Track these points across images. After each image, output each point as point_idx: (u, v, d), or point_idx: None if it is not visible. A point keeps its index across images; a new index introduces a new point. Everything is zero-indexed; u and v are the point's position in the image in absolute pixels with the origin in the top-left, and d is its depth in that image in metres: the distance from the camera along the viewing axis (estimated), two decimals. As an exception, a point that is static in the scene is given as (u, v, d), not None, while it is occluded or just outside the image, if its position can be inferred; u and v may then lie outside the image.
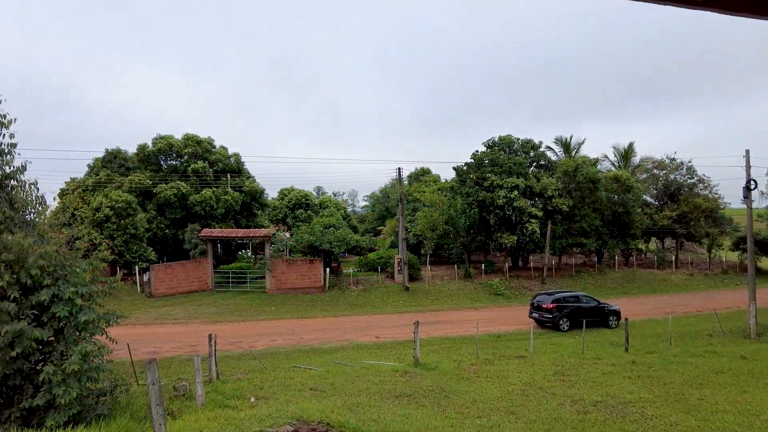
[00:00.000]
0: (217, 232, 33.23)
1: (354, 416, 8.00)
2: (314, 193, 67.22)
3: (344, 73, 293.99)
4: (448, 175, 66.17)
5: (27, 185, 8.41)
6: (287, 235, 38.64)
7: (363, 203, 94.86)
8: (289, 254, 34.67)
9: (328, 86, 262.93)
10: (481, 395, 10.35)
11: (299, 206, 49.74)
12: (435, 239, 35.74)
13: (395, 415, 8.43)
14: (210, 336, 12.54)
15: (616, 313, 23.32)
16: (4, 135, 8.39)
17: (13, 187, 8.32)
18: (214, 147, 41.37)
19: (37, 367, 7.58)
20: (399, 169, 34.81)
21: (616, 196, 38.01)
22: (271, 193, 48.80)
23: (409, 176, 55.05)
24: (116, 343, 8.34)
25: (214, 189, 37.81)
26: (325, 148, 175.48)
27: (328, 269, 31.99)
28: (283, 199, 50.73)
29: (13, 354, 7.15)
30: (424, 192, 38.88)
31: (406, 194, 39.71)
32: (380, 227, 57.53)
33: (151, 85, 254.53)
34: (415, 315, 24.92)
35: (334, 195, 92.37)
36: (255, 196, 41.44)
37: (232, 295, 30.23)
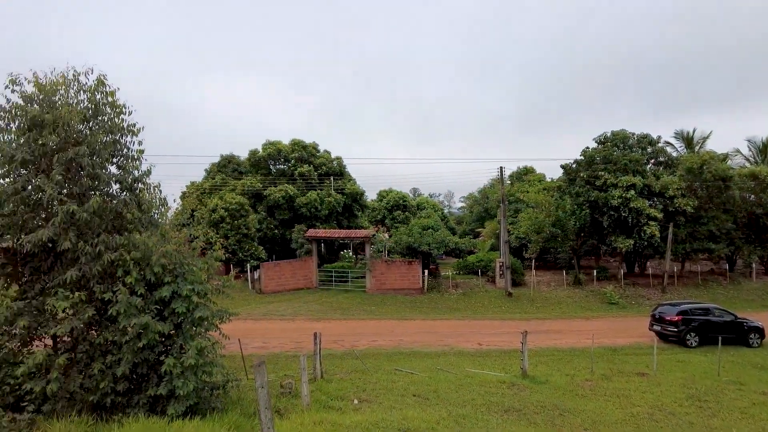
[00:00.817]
0: (321, 232, 34.45)
1: (461, 431, 7.51)
2: (410, 195, 67.43)
3: (438, 69, 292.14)
4: (552, 173, 62.42)
5: (152, 188, 9.09)
6: (386, 236, 38.98)
7: (459, 204, 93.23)
8: (388, 255, 34.88)
9: (420, 83, 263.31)
10: (600, 416, 9.32)
11: (397, 207, 50.21)
12: (540, 242, 33.73)
13: (505, 433, 7.80)
14: (315, 335, 12.76)
15: (759, 330, 20.17)
16: (133, 142, 9.15)
17: (140, 190, 9.02)
18: (318, 151, 43.20)
19: (161, 358, 8.13)
20: (501, 168, 33.35)
21: (752, 196, 33.26)
22: (368, 195, 49.73)
23: (511, 176, 52.70)
24: (228, 339, 8.66)
25: (319, 191, 39.41)
26: (419, 149, 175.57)
27: (426, 271, 31.64)
28: (381, 200, 51.57)
29: (140, 345, 7.75)
30: (528, 192, 36.88)
31: (507, 194, 38.08)
32: (479, 229, 55.88)
33: (253, 92, 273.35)
34: (519, 323, 23.68)
35: (430, 196, 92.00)
36: (356, 197, 42.56)
37: (334, 294, 31.06)
